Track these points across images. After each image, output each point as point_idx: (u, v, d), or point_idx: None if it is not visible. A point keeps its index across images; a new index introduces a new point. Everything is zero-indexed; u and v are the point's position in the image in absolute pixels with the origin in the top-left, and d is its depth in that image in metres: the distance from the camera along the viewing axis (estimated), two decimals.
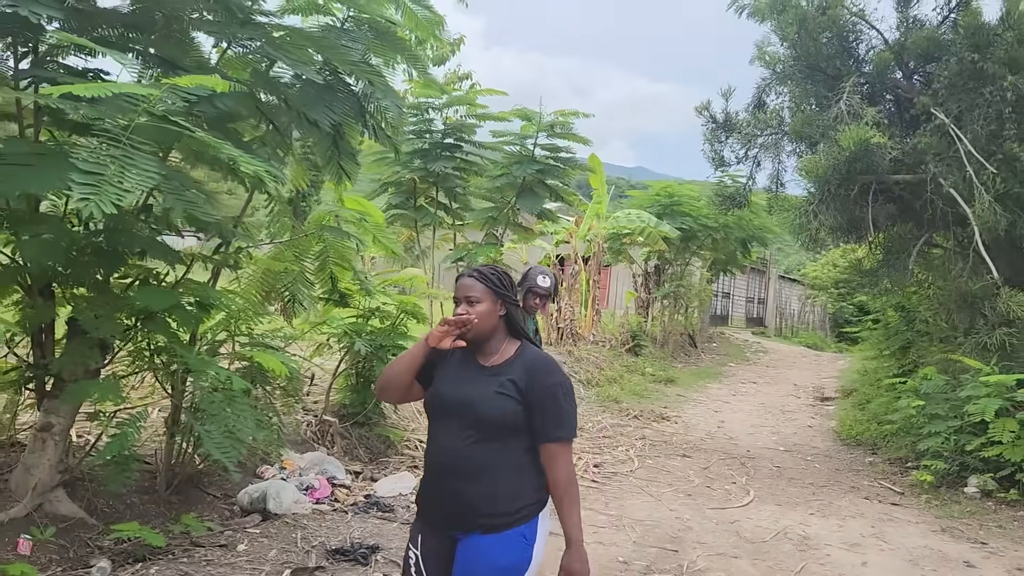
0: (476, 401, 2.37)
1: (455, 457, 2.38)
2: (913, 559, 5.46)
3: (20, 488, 4.39)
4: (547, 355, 2.52)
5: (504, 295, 2.46)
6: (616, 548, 5.25)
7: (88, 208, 2.85)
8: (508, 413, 2.35)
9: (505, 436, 2.37)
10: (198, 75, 3.37)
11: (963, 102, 7.97)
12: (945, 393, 7.54)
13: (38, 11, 3.27)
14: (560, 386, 2.40)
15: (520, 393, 2.36)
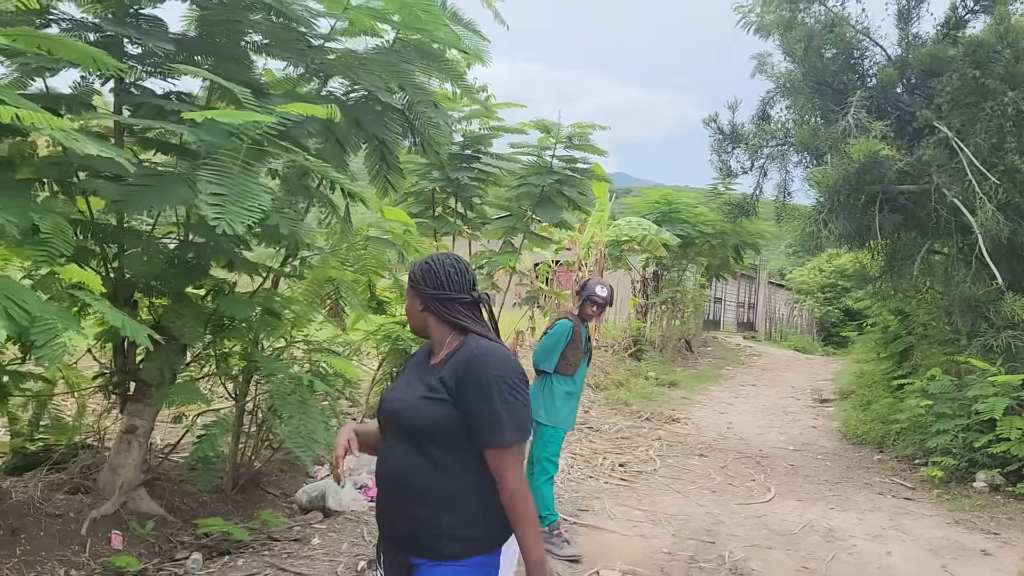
0: (401, 408, 2.15)
1: (391, 473, 2.15)
2: (933, 548, 5.81)
3: (107, 487, 4.64)
4: (492, 345, 2.14)
5: (419, 288, 2.23)
6: (658, 540, 5.57)
7: (220, 226, 3.15)
8: (438, 420, 2.07)
9: (445, 448, 2.09)
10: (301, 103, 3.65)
11: (965, 116, 8.38)
12: (951, 393, 7.92)
13: (162, 45, 3.57)
14: (495, 380, 2.04)
15: (450, 394, 2.07)
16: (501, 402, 2.03)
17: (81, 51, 3.08)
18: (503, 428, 2.03)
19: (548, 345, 5.13)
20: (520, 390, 2.08)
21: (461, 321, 2.19)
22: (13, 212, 2.76)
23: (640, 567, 4.94)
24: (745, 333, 29.05)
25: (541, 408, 5.11)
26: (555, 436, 5.15)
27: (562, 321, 5.21)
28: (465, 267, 2.26)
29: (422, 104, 5.46)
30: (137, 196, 3.48)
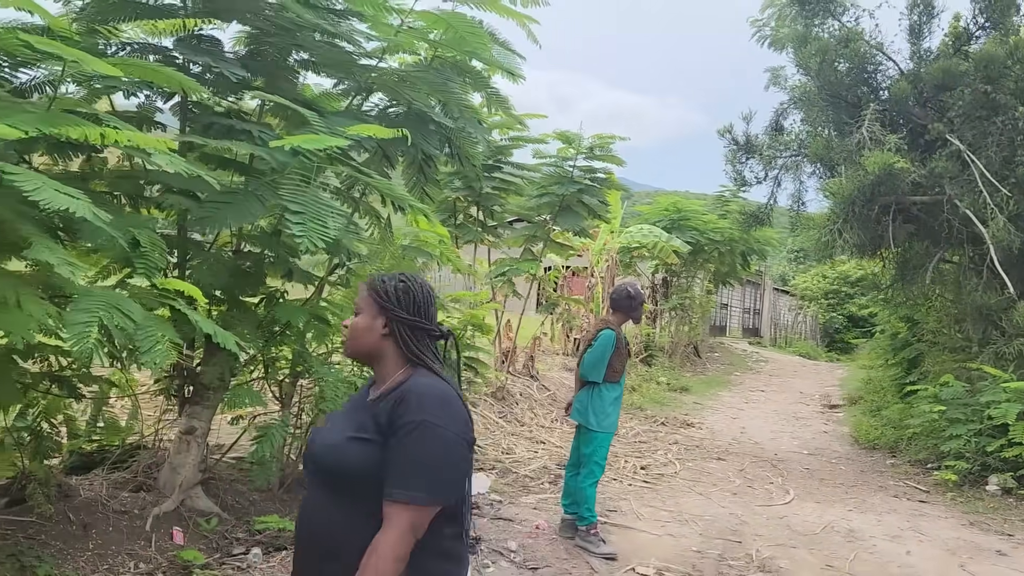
0: (319, 451, 1.86)
1: (305, 526, 1.88)
2: (950, 549, 6.03)
3: (168, 485, 4.87)
4: (439, 386, 1.84)
5: (390, 309, 1.90)
6: (686, 539, 5.79)
7: (304, 242, 3.39)
8: (360, 464, 1.76)
9: (368, 497, 1.75)
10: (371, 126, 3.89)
11: (977, 129, 8.63)
12: (964, 399, 8.15)
13: (235, 71, 3.82)
14: (418, 425, 1.72)
15: (380, 433, 1.77)
16: (422, 452, 1.72)
17: (171, 77, 3.31)
18: (410, 482, 1.69)
19: (596, 357, 5.36)
20: (454, 447, 1.75)
21: (424, 357, 1.90)
22: (116, 227, 2.99)
23: (673, 564, 5.17)
24: (751, 339, 29.29)
25: (591, 415, 5.35)
26: (605, 441, 5.40)
27: (606, 331, 5.43)
28: (431, 294, 1.97)
29: (461, 119, 5.71)
30: (219, 213, 3.71)
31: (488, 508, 6.10)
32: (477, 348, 7.37)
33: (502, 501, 6.34)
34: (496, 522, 5.79)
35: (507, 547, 5.25)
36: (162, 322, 3.18)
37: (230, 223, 3.77)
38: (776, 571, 5.21)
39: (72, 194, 2.62)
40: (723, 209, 19.54)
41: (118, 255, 3.35)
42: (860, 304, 36.71)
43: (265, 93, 4.07)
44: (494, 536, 5.43)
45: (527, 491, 6.82)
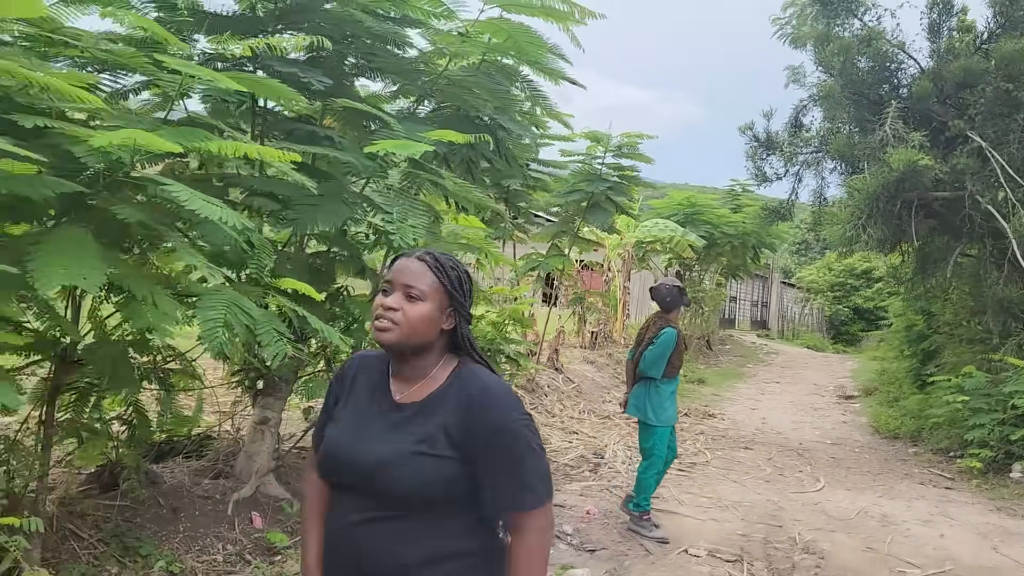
0: (381, 463, 1.63)
1: (347, 544, 1.68)
2: (981, 533, 6.29)
3: (244, 472, 5.13)
4: (495, 378, 1.72)
5: (460, 302, 1.73)
6: (730, 524, 6.05)
7: (396, 240, 3.63)
8: (433, 482, 1.61)
9: (431, 514, 1.64)
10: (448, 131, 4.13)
11: (998, 127, 8.86)
12: (987, 389, 8.40)
13: (323, 79, 4.06)
14: (517, 425, 1.64)
15: (455, 447, 1.62)
16: (528, 453, 1.64)
17: (278, 89, 3.54)
18: (536, 487, 1.64)
19: (657, 354, 5.60)
20: (538, 434, 1.69)
21: (474, 344, 1.77)
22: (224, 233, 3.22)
23: (722, 547, 5.42)
24: (759, 331, 29.55)
25: (649, 410, 5.59)
26: (664, 434, 5.65)
27: (668, 330, 5.67)
28: None
29: (511, 121, 5.93)
30: (309, 214, 3.95)
31: None
32: (518, 341, 7.62)
33: None
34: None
35: (563, 531, 5.50)
36: (275, 318, 3.42)
37: (319, 224, 4.00)
38: (820, 553, 5.47)
39: (212, 202, 2.86)
40: (734, 203, 19.78)
41: (234, 255, 3.57)
42: (865, 296, 37.05)
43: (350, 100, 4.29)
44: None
45: (570, 479, 7.07)
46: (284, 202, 4.30)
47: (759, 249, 20.96)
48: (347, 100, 4.23)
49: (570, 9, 5.12)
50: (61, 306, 3.71)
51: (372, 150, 3.63)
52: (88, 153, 2.80)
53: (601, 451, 8.13)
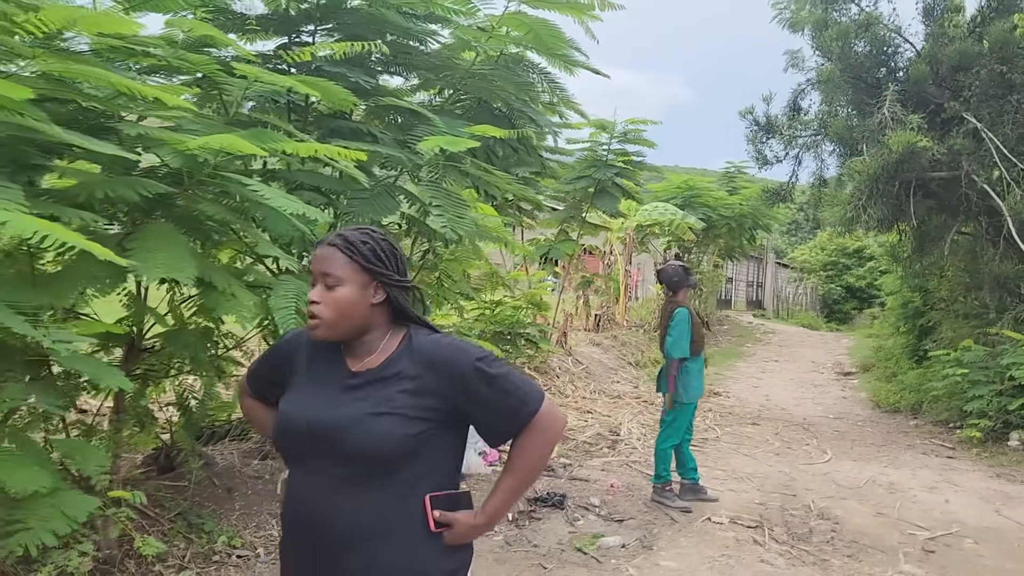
0: (339, 427, 1.66)
1: (314, 510, 1.68)
2: (983, 497, 6.62)
3: None
4: (443, 336, 1.78)
5: (382, 273, 1.72)
6: (746, 494, 6.36)
7: (447, 233, 3.88)
8: (391, 440, 1.64)
9: (391, 483, 1.67)
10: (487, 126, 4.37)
11: (993, 108, 9.14)
12: (984, 362, 8.73)
13: (369, 79, 4.29)
14: (486, 361, 1.71)
15: (418, 404, 1.67)
16: (504, 379, 1.72)
17: (333, 91, 3.77)
18: (525, 398, 1.73)
19: (678, 335, 5.86)
20: (501, 360, 1.77)
21: (412, 312, 1.79)
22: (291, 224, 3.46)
23: (742, 514, 5.73)
24: (755, 311, 29.92)
25: (681, 389, 5.86)
26: (689, 410, 5.94)
27: (679, 311, 5.94)
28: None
29: (535, 112, 6.17)
30: (360, 208, 4.20)
31: (561, 470, 6.65)
32: (537, 325, 7.89)
33: (571, 464, 6.88)
34: (573, 482, 6.33)
35: (591, 503, 5.79)
36: None
37: (373, 216, 4.24)
38: (834, 519, 5.78)
39: (288, 198, 3.10)
40: (730, 185, 20.07)
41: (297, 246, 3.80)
42: (857, 275, 37.52)
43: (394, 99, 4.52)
44: (576, 494, 5.97)
45: (590, 455, 7.36)
46: (327, 195, 4.55)
47: (755, 230, 21.30)
48: (392, 99, 4.46)
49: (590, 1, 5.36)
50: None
51: (424, 146, 3.86)
52: (172, 155, 3.03)
53: (616, 429, 8.43)
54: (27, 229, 1.93)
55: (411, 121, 5.35)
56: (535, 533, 5.13)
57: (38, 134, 2.70)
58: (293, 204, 2.97)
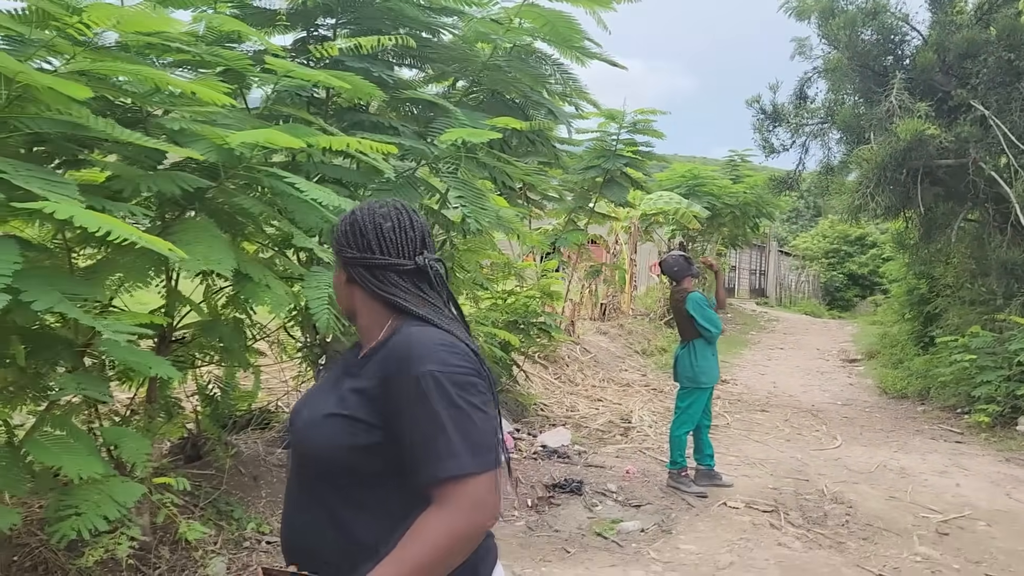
0: (299, 427, 1.52)
1: (285, 516, 1.57)
2: (994, 481, 6.70)
3: None
4: (425, 331, 1.45)
5: (342, 251, 1.59)
6: (760, 479, 6.45)
7: (470, 224, 3.95)
8: (339, 448, 1.41)
9: (348, 487, 1.44)
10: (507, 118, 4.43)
11: (1000, 95, 9.19)
12: (992, 348, 8.81)
13: (392, 75, 4.35)
14: (429, 378, 1.36)
15: (370, 410, 1.42)
16: (450, 411, 1.35)
17: (360, 85, 3.83)
18: (455, 450, 1.33)
19: (709, 314, 5.96)
20: (473, 392, 1.39)
21: (394, 297, 1.52)
22: (321, 216, 3.53)
23: (757, 499, 5.82)
24: (758, 299, 30.01)
25: (700, 374, 5.94)
26: (704, 395, 6.02)
27: (692, 295, 6.02)
28: (410, 221, 1.58)
29: (548, 103, 6.22)
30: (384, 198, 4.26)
31: (577, 457, 6.73)
32: (549, 315, 7.96)
33: (586, 451, 6.97)
34: (589, 468, 6.42)
35: (608, 489, 5.88)
36: None
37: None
38: (848, 503, 5.86)
39: (323, 190, 3.17)
40: (733, 174, 20.13)
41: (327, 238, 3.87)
42: (859, 263, 37.65)
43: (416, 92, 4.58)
44: (593, 480, 6.06)
45: (603, 443, 7.45)
46: (348, 187, 4.62)
47: (758, 219, 21.36)
48: (413, 92, 4.51)
49: None
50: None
51: (448, 138, 3.93)
52: (210, 150, 3.10)
53: (628, 416, 8.51)
54: (92, 224, 1.99)
55: (428, 113, 5.43)
56: (555, 519, 5.22)
57: (84, 130, 2.78)
58: (329, 196, 3.03)
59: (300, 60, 4.73)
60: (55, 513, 2.70)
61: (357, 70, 4.23)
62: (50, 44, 2.71)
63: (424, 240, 1.58)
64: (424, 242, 1.58)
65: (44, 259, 3.25)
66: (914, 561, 4.75)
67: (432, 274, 1.55)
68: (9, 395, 2.92)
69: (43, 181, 2.30)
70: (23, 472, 2.64)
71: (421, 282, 1.55)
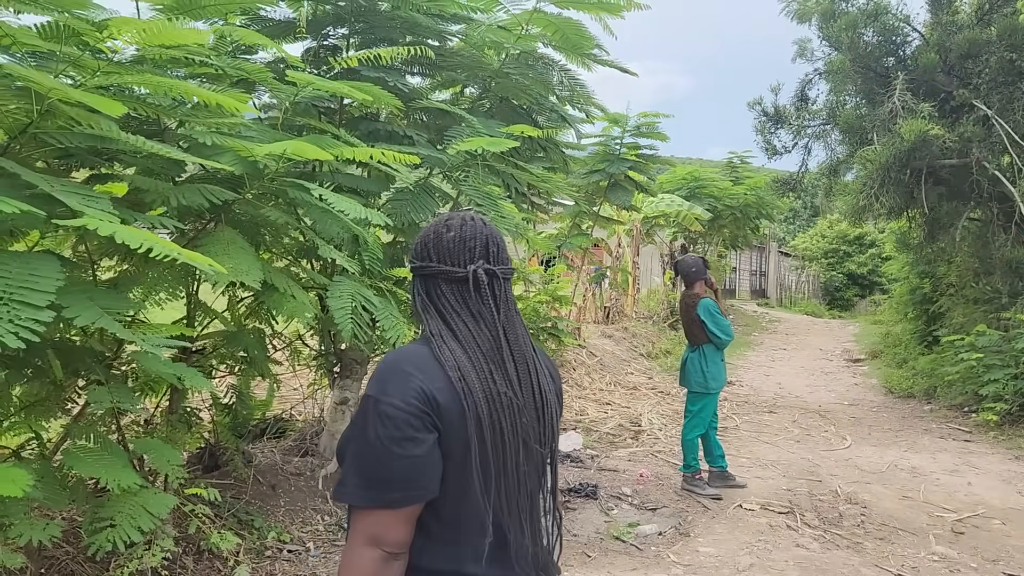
0: None
1: None
2: (1005, 479, 6.73)
3: (328, 449, 5.49)
4: (401, 353, 1.43)
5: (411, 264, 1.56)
6: (773, 481, 6.46)
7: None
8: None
9: None
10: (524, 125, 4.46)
11: (1003, 95, 9.23)
12: (1000, 346, 8.84)
13: (406, 81, 4.38)
14: (365, 402, 1.38)
15: None
16: (359, 437, 1.35)
17: (378, 94, 3.85)
18: (345, 478, 1.35)
19: (721, 321, 5.98)
20: (393, 427, 1.31)
21: (437, 304, 1.47)
22: (342, 226, 3.55)
23: (773, 501, 5.84)
24: (759, 300, 30.04)
25: (708, 378, 5.96)
26: (712, 400, 6.04)
27: (704, 301, 6.04)
28: (473, 230, 1.50)
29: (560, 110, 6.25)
30: (402, 207, 4.29)
31: (590, 461, 6.75)
32: (557, 319, 7.99)
33: (598, 455, 6.99)
34: (603, 472, 6.44)
35: (623, 492, 5.90)
36: (390, 304, 3.76)
37: (413, 215, 4.33)
38: (862, 503, 5.88)
39: (348, 201, 3.19)
40: (733, 175, 20.18)
41: (349, 248, 3.89)
42: (859, 262, 37.73)
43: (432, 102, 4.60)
44: (607, 484, 6.08)
45: (615, 446, 7.46)
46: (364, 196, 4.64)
47: (759, 220, 21.41)
48: (429, 101, 4.54)
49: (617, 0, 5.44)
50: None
51: (466, 147, 3.96)
52: (236, 162, 3.12)
53: (637, 419, 8.53)
54: (135, 241, 2.01)
55: (437, 121, 5.46)
56: (573, 523, 5.23)
57: (112, 143, 2.80)
58: (354, 207, 3.05)
59: (312, 70, 4.76)
60: (90, 525, 2.71)
61: (373, 80, 4.25)
62: (77, 61, 2.73)
63: (486, 249, 1.50)
64: (486, 251, 1.50)
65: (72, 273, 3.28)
66: (932, 560, 4.76)
67: (480, 282, 1.47)
68: (41, 409, 2.94)
69: (79, 196, 2.32)
70: (59, 485, 2.65)
71: (473, 290, 1.47)
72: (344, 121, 5.09)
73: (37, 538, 2.44)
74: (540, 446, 1.49)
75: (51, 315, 1.96)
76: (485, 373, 1.42)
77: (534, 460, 1.48)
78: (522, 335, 1.51)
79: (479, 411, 1.38)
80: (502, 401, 1.42)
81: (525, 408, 1.45)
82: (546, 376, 1.55)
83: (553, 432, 1.53)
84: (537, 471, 1.50)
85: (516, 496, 1.44)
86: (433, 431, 1.36)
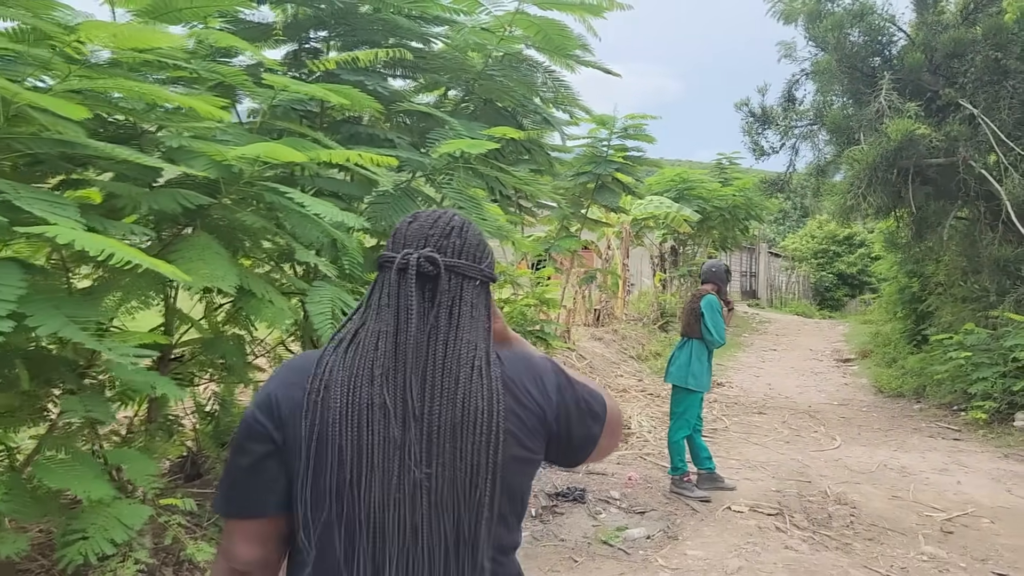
0: None
1: None
2: (994, 478, 6.72)
3: None
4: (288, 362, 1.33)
5: None
6: (762, 482, 6.44)
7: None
8: None
9: None
10: (506, 127, 4.42)
11: (988, 94, 9.25)
12: (987, 344, 8.84)
13: (387, 85, 4.33)
14: None
15: None
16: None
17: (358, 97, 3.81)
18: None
19: (718, 321, 5.94)
20: (237, 438, 1.26)
21: (370, 297, 1.28)
22: (321, 230, 3.50)
23: (761, 502, 5.81)
24: (749, 301, 30.08)
25: (689, 377, 5.93)
26: (698, 399, 6.00)
27: (709, 297, 6.01)
28: (435, 221, 1.31)
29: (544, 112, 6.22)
30: (382, 210, 4.24)
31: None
32: (546, 322, 7.95)
33: None
34: (591, 476, 6.39)
35: (611, 496, 5.86)
36: None
37: (392, 219, 4.28)
38: (851, 504, 5.86)
39: (325, 205, 3.14)
40: (722, 177, 20.19)
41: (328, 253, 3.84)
42: (848, 262, 37.84)
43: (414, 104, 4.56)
44: (595, 487, 6.03)
45: None
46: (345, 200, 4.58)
47: (748, 221, 21.43)
48: (410, 104, 4.49)
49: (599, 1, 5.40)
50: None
51: (446, 150, 3.91)
52: (210, 166, 3.07)
53: (627, 422, 8.49)
54: (94, 248, 1.96)
55: (421, 124, 5.41)
56: (560, 528, 5.19)
57: (81, 149, 2.74)
58: (331, 210, 3.01)
59: (293, 73, 4.71)
60: (62, 537, 2.65)
61: (352, 83, 4.20)
62: (47, 63, 2.68)
63: (445, 239, 1.28)
64: (445, 241, 1.28)
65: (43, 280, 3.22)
66: (921, 560, 4.74)
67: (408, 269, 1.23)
68: (10, 419, 2.88)
69: (45, 203, 2.27)
70: (29, 497, 2.59)
71: (404, 284, 1.23)
72: (326, 124, 5.04)
73: (4, 552, 2.38)
74: (458, 486, 1.17)
75: (11, 324, 1.91)
76: (362, 380, 1.18)
77: (451, 507, 1.17)
78: (466, 342, 1.24)
79: (327, 423, 1.17)
80: (374, 415, 1.16)
81: (440, 431, 1.17)
82: (490, 394, 1.22)
83: (487, 467, 1.19)
84: (460, 524, 1.18)
85: (395, 549, 1.16)
86: (267, 443, 1.21)
